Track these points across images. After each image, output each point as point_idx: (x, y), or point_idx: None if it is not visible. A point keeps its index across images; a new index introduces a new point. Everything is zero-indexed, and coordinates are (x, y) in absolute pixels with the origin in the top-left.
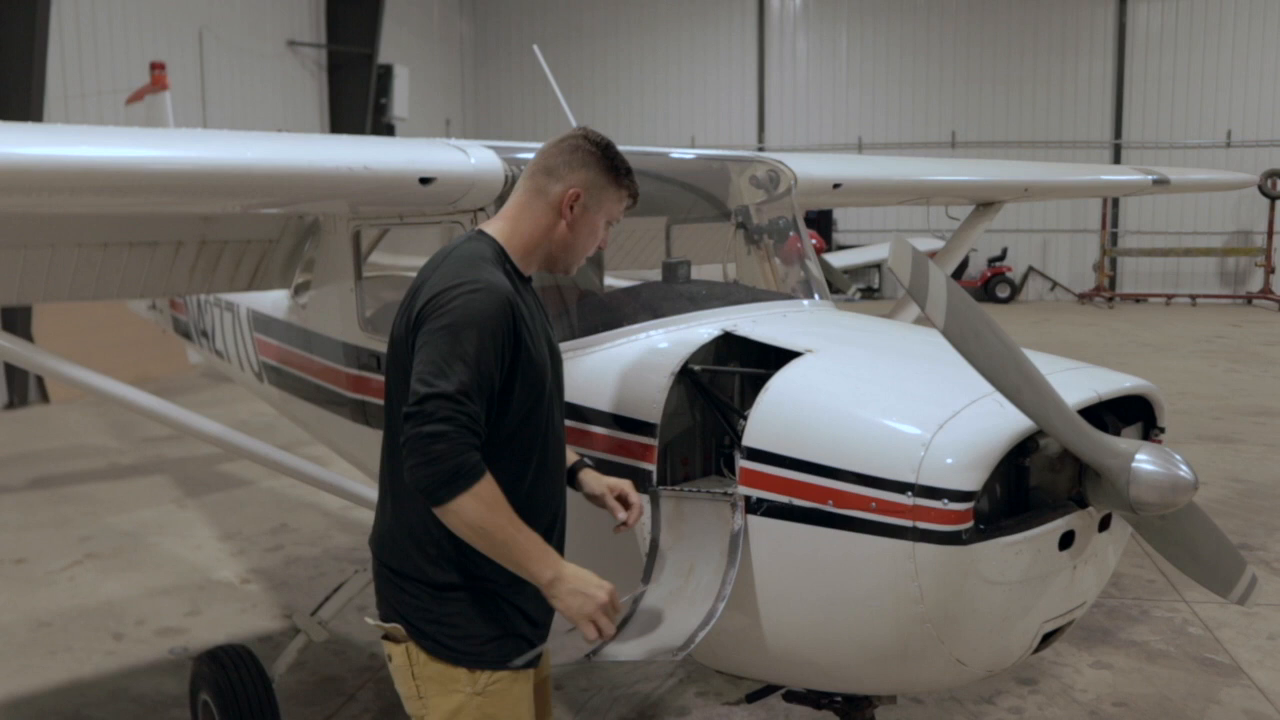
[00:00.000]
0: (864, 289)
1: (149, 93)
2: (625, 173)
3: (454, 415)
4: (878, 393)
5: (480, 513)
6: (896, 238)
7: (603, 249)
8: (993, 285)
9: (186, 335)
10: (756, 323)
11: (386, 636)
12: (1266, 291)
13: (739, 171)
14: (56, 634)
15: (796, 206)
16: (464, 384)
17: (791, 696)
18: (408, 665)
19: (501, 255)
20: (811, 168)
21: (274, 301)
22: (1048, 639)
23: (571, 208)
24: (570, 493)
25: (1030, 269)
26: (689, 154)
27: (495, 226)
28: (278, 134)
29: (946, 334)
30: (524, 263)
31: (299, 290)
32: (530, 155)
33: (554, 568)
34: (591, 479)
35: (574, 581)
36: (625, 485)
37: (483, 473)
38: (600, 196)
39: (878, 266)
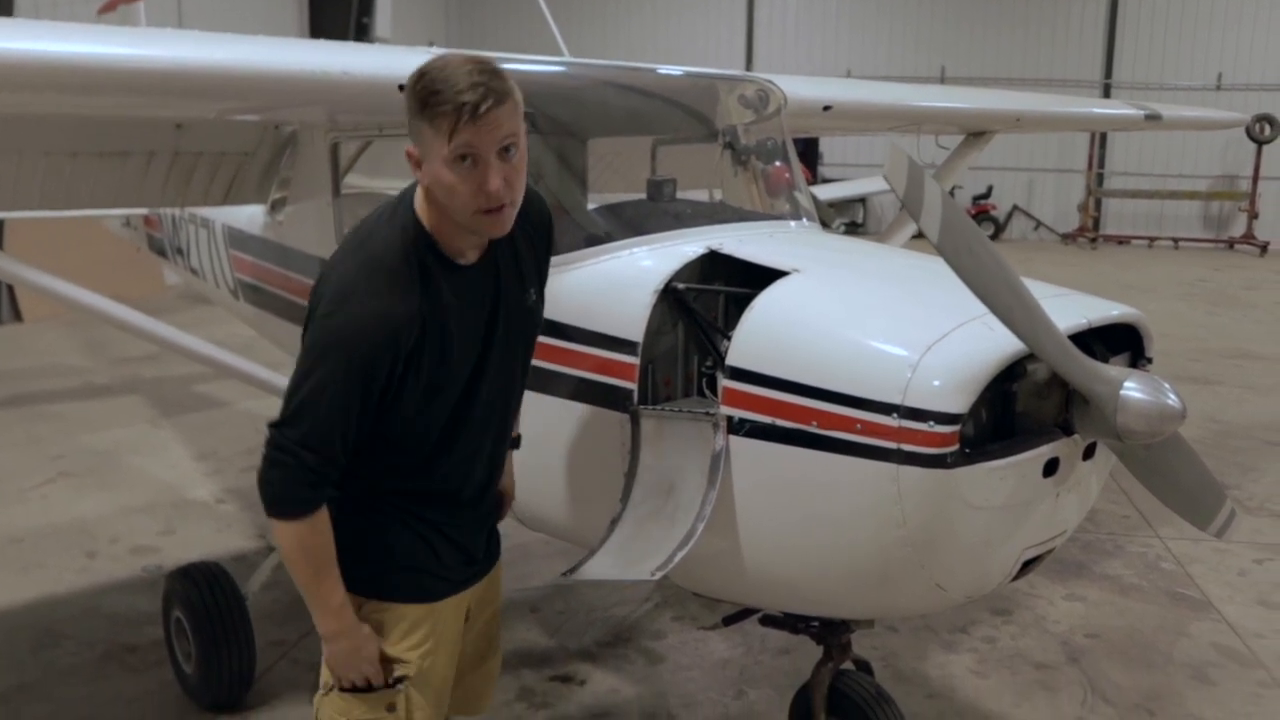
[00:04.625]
0: (848, 223)
1: (122, 2)
2: (428, 99)
3: (298, 453)
4: (865, 313)
5: (290, 545)
6: (893, 147)
7: (511, 181)
8: (977, 223)
9: (161, 253)
10: (742, 242)
11: None
12: (1249, 236)
13: (727, 90)
14: (29, 551)
15: (786, 128)
16: (310, 433)
17: (768, 621)
18: None
19: (421, 243)
20: (802, 89)
21: (250, 217)
22: (1027, 566)
23: (420, 167)
24: (542, 415)
25: (1015, 207)
26: (676, 71)
27: (419, 200)
28: (253, 36)
29: (940, 248)
30: (450, 241)
31: (276, 206)
32: (513, 67)
33: (338, 624)
34: None
35: (350, 645)
36: (508, 489)
37: (307, 513)
38: (423, 144)
39: (862, 201)
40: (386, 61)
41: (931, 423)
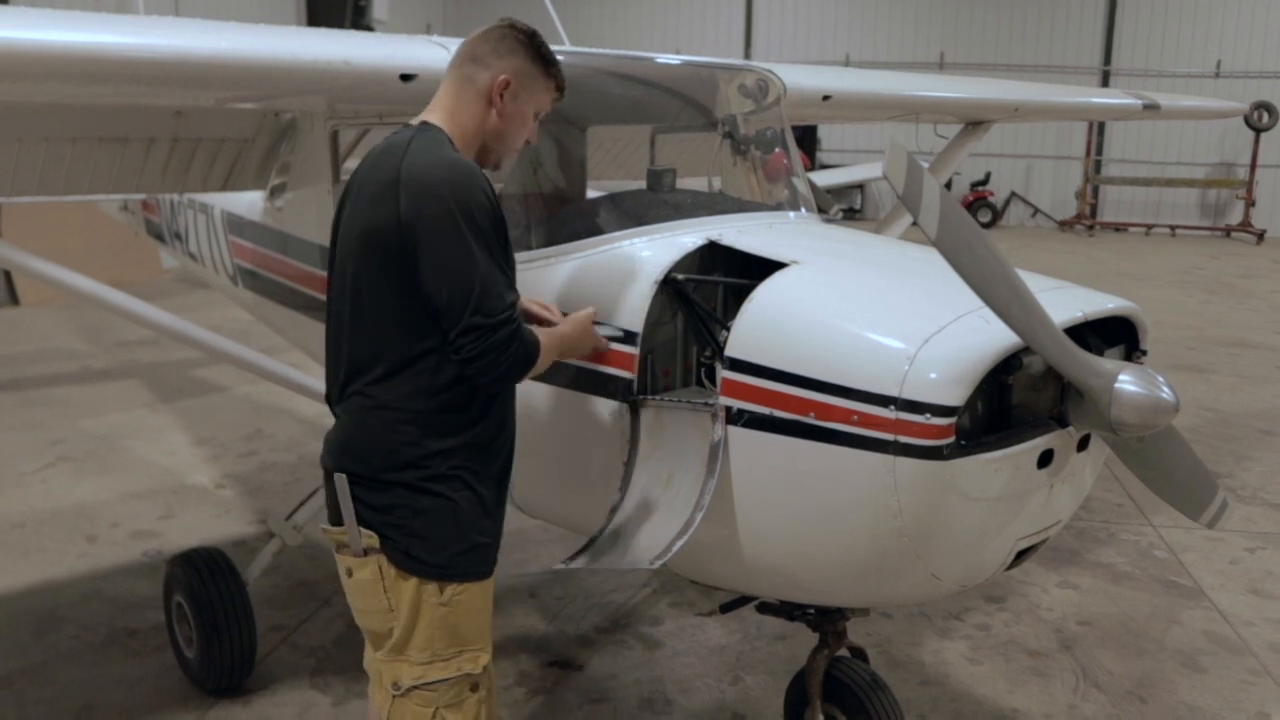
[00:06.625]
0: (846, 209)
1: None
2: (552, 62)
3: (512, 313)
4: (863, 306)
5: (532, 369)
6: (892, 143)
7: (531, 143)
8: (975, 210)
9: (159, 238)
10: (742, 233)
11: (342, 548)
12: (1245, 224)
13: (727, 80)
14: (29, 535)
15: (785, 117)
16: (503, 294)
17: (764, 608)
18: (378, 579)
19: (452, 147)
20: (801, 78)
21: (249, 203)
22: (1021, 556)
23: (502, 95)
24: (542, 403)
25: (1013, 194)
26: (675, 60)
27: (434, 118)
28: (254, 25)
29: (938, 244)
30: (464, 155)
31: (275, 192)
32: None
33: (567, 331)
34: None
35: (580, 327)
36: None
37: (537, 343)
38: (530, 85)
39: (860, 187)
40: (388, 51)
41: (928, 415)
